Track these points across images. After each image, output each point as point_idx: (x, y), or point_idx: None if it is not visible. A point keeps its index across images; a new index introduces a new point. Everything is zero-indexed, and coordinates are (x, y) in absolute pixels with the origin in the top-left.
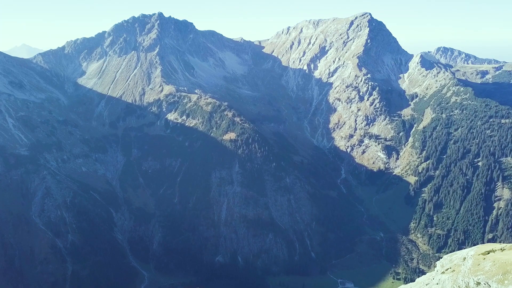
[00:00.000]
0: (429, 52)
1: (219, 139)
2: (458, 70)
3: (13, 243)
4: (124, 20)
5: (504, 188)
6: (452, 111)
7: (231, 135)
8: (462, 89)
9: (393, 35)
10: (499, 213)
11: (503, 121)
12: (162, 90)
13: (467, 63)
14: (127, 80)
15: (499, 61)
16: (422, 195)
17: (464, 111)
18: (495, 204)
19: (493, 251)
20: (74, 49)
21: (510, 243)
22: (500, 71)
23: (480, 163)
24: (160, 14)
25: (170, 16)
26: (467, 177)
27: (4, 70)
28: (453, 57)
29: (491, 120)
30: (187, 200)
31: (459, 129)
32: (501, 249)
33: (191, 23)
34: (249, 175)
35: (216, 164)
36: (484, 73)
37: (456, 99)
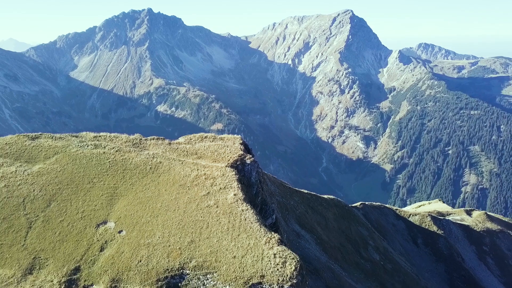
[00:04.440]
0: (410, 48)
1: (207, 129)
2: (436, 65)
3: None
4: (115, 16)
5: (471, 174)
6: (426, 103)
7: (218, 126)
8: (436, 82)
9: (373, 32)
10: (465, 197)
11: (472, 112)
12: (152, 83)
13: (447, 59)
14: (118, 73)
15: (477, 57)
16: (397, 181)
17: (437, 103)
18: (463, 189)
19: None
20: (65, 44)
21: None
22: (475, 66)
23: (450, 151)
24: (150, 10)
25: (159, 12)
26: (438, 164)
27: None
28: (434, 52)
29: (461, 111)
30: None
31: (432, 120)
32: (428, 202)
33: (180, 19)
34: None
35: None
36: (460, 68)
37: (430, 92)
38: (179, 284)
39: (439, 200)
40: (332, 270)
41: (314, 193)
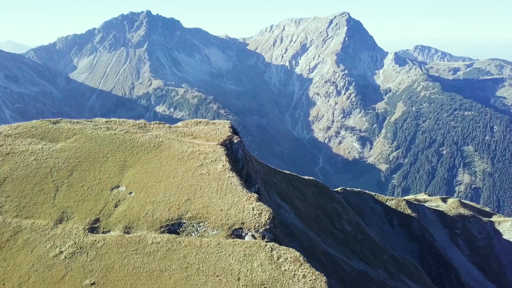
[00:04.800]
0: (407, 50)
1: None
2: (432, 67)
3: None
4: (114, 18)
5: (465, 174)
6: (421, 104)
7: None
8: (431, 84)
9: (370, 34)
10: (459, 196)
11: (466, 113)
12: (150, 84)
13: (443, 61)
14: (117, 74)
15: (473, 59)
16: (392, 181)
17: (432, 104)
18: (456, 188)
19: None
20: (65, 45)
21: None
22: (470, 68)
23: (444, 151)
24: (148, 12)
25: (157, 14)
26: (432, 164)
27: (0, 65)
28: (430, 55)
29: (455, 112)
30: None
31: (427, 120)
32: (415, 196)
33: (178, 21)
34: None
35: None
36: (456, 70)
37: (425, 93)
38: (178, 230)
39: (425, 193)
40: (307, 235)
41: (296, 174)
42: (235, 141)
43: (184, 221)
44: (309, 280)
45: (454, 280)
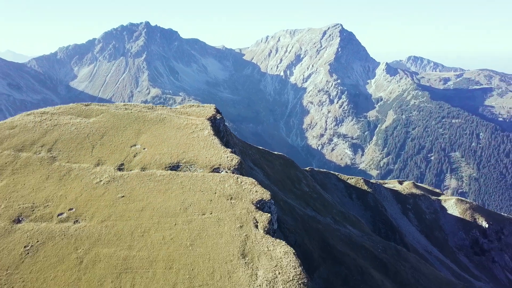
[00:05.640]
0: (400, 60)
1: None
2: (423, 77)
3: None
4: (113, 28)
5: (452, 179)
6: (411, 113)
7: None
8: (420, 93)
9: (362, 45)
10: None
11: (453, 121)
12: (149, 93)
13: (436, 71)
14: (117, 83)
15: (464, 69)
16: None
17: (421, 113)
18: (444, 192)
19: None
20: (66, 55)
21: None
22: (460, 78)
23: (432, 157)
24: (147, 23)
25: (156, 25)
26: (421, 169)
27: (3, 73)
28: (423, 65)
29: (443, 120)
30: None
31: (416, 128)
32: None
33: (176, 32)
34: None
35: None
36: (446, 80)
37: (414, 102)
38: (177, 169)
39: (397, 180)
40: (273, 189)
41: (268, 149)
42: (218, 117)
43: (181, 164)
44: (259, 193)
45: (399, 241)
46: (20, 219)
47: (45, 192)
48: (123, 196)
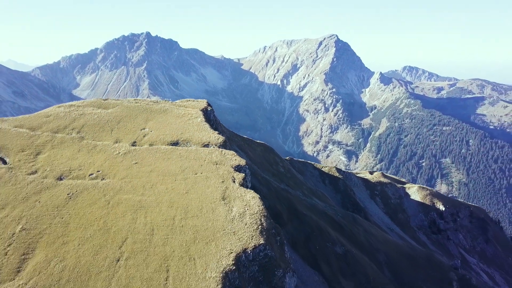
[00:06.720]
0: (396, 70)
1: None
2: (417, 86)
3: None
4: (115, 38)
5: (442, 184)
6: (404, 120)
7: None
8: (412, 101)
9: (357, 55)
10: None
11: (444, 128)
12: None
13: (430, 81)
14: (118, 91)
15: (458, 79)
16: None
17: (413, 120)
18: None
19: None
20: (68, 64)
21: None
22: (453, 87)
23: (424, 164)
24: (148, 33)
25: (156, 35)
26: (413, 175)
27: (8, 82)
28: (418, 75)
29: (434, 127)
30: None
31: (408, 135)
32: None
33: (176, 42)
34: None
35: None
36: (440, 89)
37: (407, 110)
38: (176, 145)
39: (367, 171)
40: (253, 167)
41: (251, 138)
42: (209, 109)
43: (179, 141)
44: (237, 160)
45: (364, 218)
46: (62, 177)
47: (78, 160)
48: (136, 163)
